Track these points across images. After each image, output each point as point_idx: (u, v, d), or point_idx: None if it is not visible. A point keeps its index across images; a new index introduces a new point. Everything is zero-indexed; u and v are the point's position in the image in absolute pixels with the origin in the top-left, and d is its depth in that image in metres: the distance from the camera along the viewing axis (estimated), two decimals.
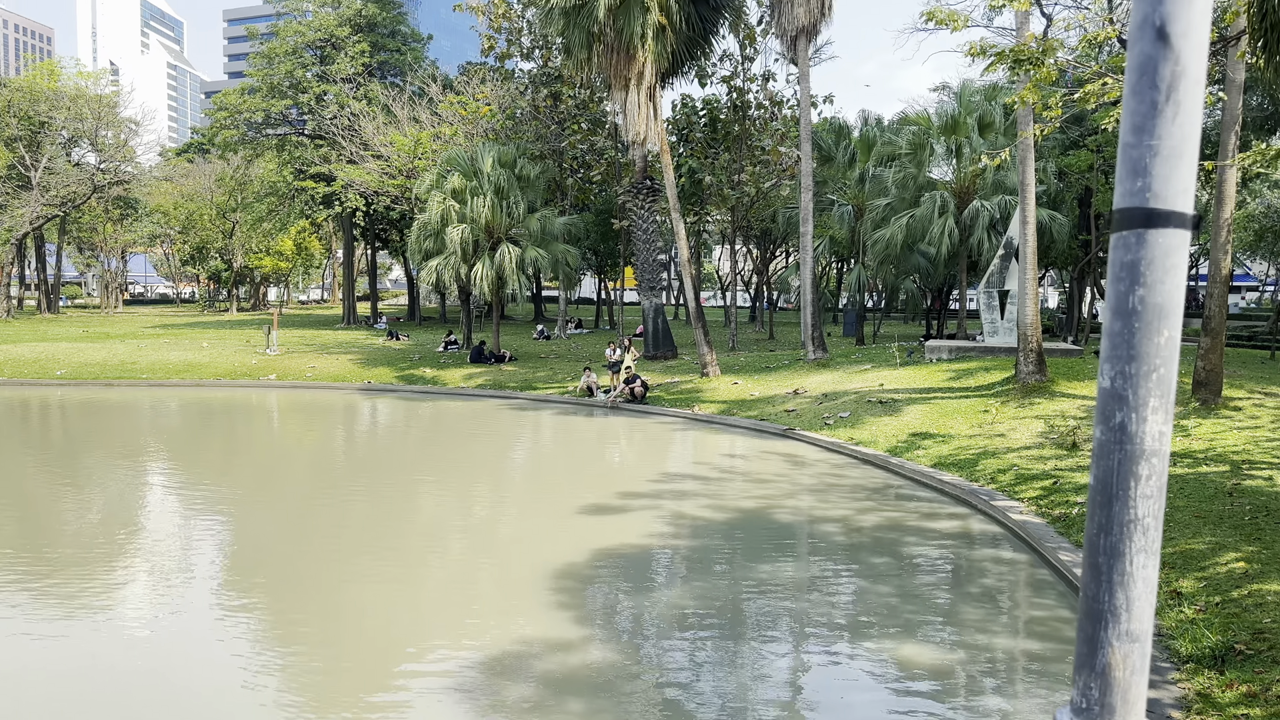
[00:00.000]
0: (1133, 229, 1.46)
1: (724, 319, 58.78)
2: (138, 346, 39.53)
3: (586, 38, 30.34)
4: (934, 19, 13.38)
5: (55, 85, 60.12)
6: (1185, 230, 1.46)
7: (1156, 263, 1.45)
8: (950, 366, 25.82)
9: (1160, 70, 1.41)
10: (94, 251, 79.78)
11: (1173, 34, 1.40)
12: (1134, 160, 1.44)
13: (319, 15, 52.02)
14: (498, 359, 36.35)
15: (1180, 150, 1.42)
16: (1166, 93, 1.41)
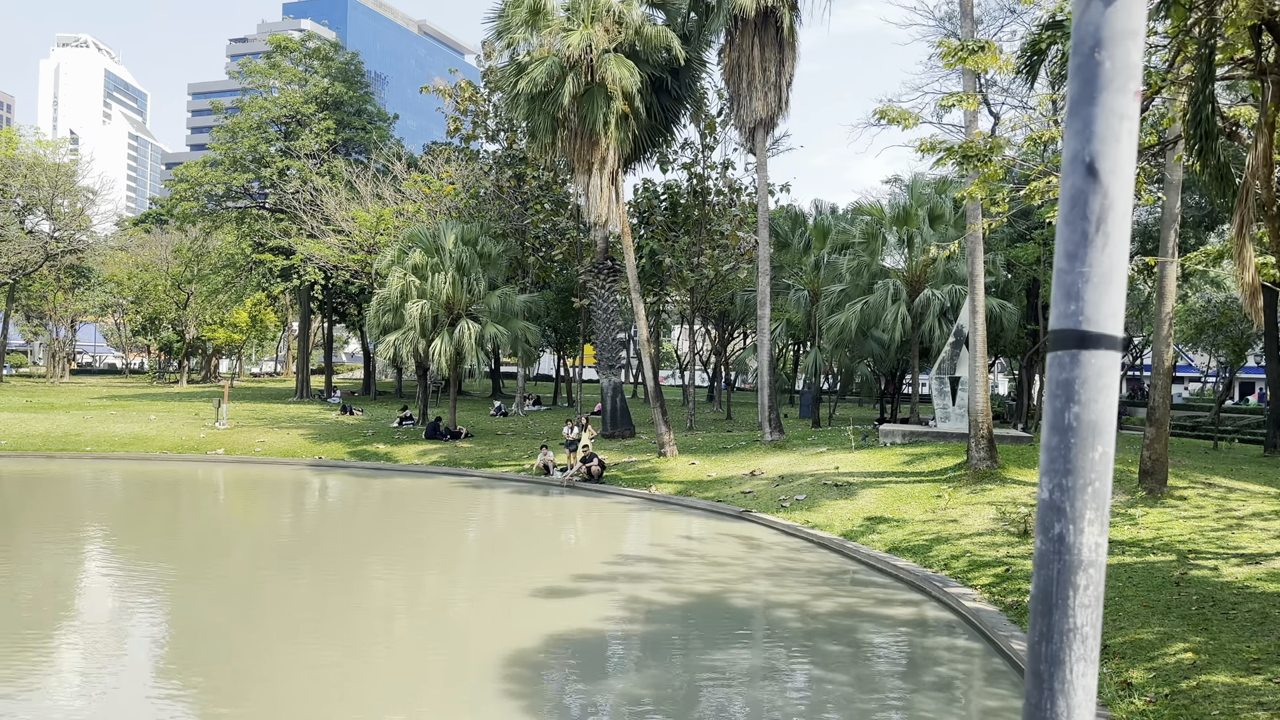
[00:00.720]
0: (1067, 349, 1.54)
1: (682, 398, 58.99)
2: (83, 418, 38.64)
3: (551, 123, 30.96)
4: (886, 117, 13.89)
5: (12, 153, 59.72)
6: (1116, 352, 1.54)
7: (1090, 382, 1.52)
8: (904, 450, 26.08)
9: (1090, 203, 1.51)
10: (42, 320, 78.35)
11: (1101, 170, 1.50)
12: (1067, 285, 1.53)
13: (285, 92, 52.51)
14: (453, 435, 36.03)
15: (1110, 277, 1.51)
16: (1096, 224, 1.50)
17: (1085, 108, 1.50)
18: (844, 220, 40.17)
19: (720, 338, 60.37)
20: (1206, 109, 11.62)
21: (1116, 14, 1.47)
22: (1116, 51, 1.47)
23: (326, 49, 55.33)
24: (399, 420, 39.89)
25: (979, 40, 12.99)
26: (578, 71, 29.50)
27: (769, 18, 29.97)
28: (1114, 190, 1.49)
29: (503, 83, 35.91)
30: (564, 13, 30.56)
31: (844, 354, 37.45)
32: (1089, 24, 1.49)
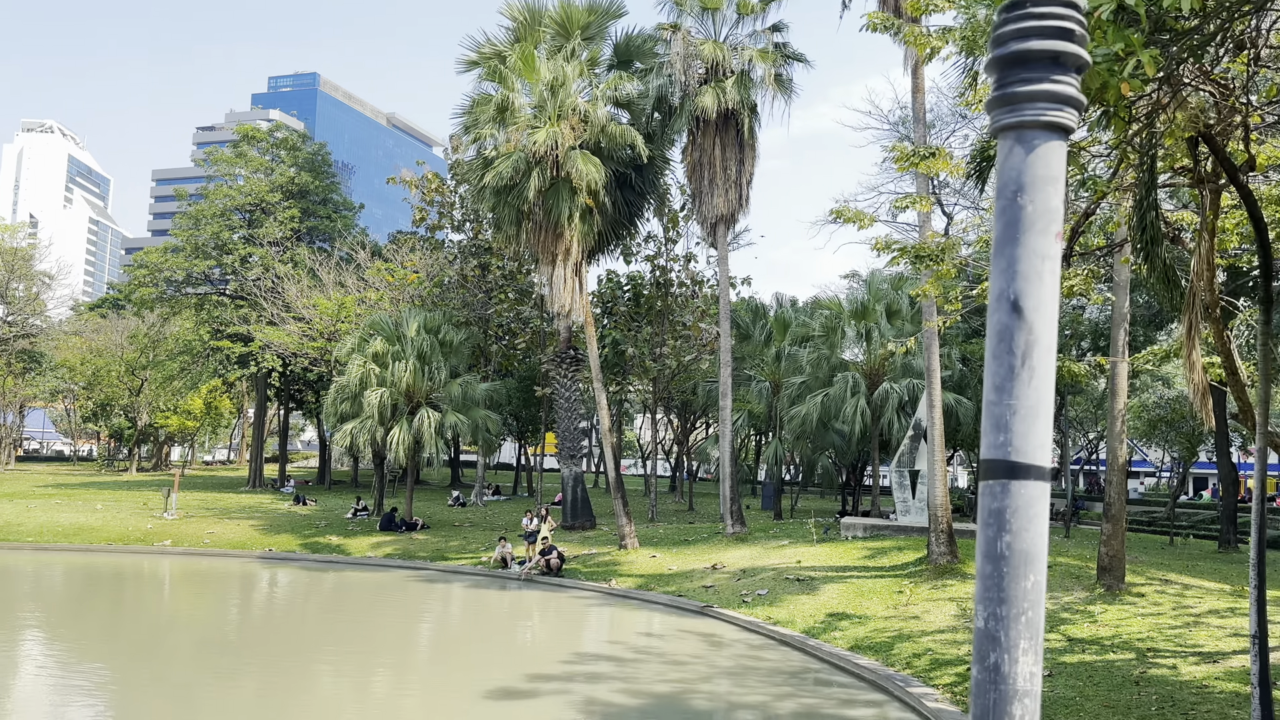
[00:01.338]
0: (998, 479, 1.57)
1: (644, 488, 58.68)
2: (26, 507, 37.47)
3: (517, 215, 31.37)
4: (842, 217, 14.27)
5: None
6: (1044, 482, 1.58)
7: (1020, 511, 1.56)
8: (865, 544, 26.01)
9: (1016, 338, 1.57)
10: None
11: (1025, 308, 1.57)
12: (996, 416, 1.57)
13: (250, 180, 52.82)
14: (409, 527, 35.38)
15: (1036, 410, 1.55)
16: (1022, 358, 1.56)
17: (1009, 248, 1.57)
18: (804, 313, 40.81)
19: (682, 427, 60.38)
20: (1150, 215, 12.07)
21: (1037, 161, 1.55)
22: (1038, 196, 1.54)
23: (294, 139, 55.97)
24: (353, 511, 39.15)
25: (930, 147, 13.48)
26: (543, 166, 30.05)
27: (730, 119, 30.90)
28: (1038, 326, 1.55)
29: (469, 175, 36.46)
30: (531, 110, 31.27)
31: (805, 445, 37.60)
32: (1011, 170, 1.57)
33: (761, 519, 39.52)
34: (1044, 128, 1.54)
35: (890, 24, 12.98)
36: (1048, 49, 1.54)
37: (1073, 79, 1.57)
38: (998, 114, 1.58)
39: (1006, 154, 1.58)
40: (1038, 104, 1.55)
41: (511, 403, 50.95)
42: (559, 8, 31.87)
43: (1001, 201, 1.58)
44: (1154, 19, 8.03)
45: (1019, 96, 1.56)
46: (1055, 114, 1.55)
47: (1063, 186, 1.59)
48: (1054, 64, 1.55)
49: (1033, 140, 1.54)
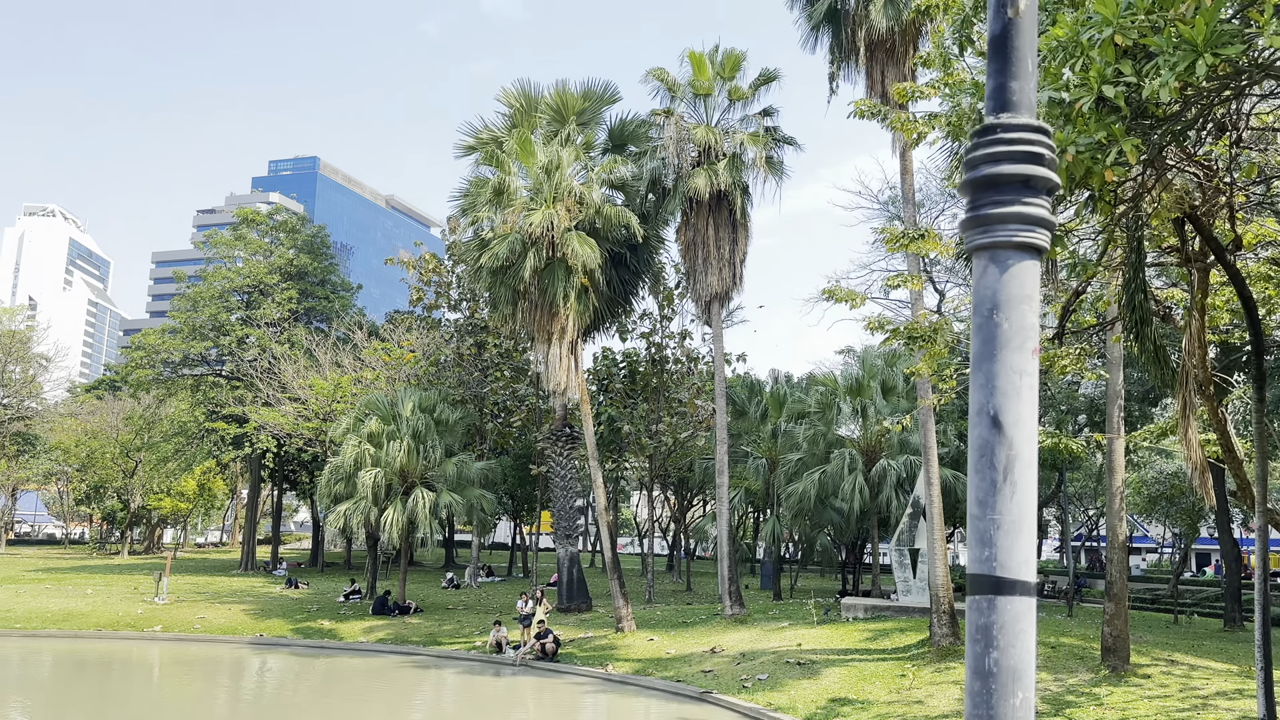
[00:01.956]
0: (984, 594, 1.58)
1: (641, 568, 57.97)
2: (15, 592, 36.87)
3: (513, 294, 31.62)
4: (834, 296, 14.42)
5: None
6: (1030, 598, 1.58)
7: (1007, 627, 1.55)
8: (867, 626, 25.61)
9: (997, 453, 1.59)
10: None
11: (1005, 423, 1.59)
12: (980, 531, 1.58)
13: (249, 263, 53.31)
14: (402, 610, 34.80)
15: (1019, 525, 1.56)
16: (1004, 473, 1.58)
17: (987, 364, 1.60)
18: (799, 389, 40.88)
19: (679, 505, 59.90)
20: (1139, 296, 12.21)
21: (1011, 281, 1.58)
22: (1013, 314, 1.58)
23: (293, 221, 56.68)
24: (346, 594, 38.55)
25: (920, 228, 13.69)
26: (539, 247, 30.41)
27: (722, 200, 31.39)
28: (1018, 441, 1.57)
29: (466, 256, 36.87)
30: (527, 193, 31.79)
31: (804, 523, 37.27)
32: (986, 289, 1.61)
33: (760, 599, 38.98)
34: (1017, 248, 1.58)
35: (877, 110, 13.31)
36: (1018, 173, 1.59)
37: (1044, 200, 1.62)
38: (972, 234, 1.63)
39: (981, 273, 1.62)
40: (1010, 225, 1.60)
41: (507, 481, 50.62)
42: (554, 94, 32.64)
43: (978, 318, 1.62)
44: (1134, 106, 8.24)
45: (992, 218, 1.60)
46: (1027, 235, 1.59)
47: (1038, 304, 1.63)
48: (1025, 187, 1.60)
49: (1006, 260, 1.58)
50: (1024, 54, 1.59)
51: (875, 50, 24.44)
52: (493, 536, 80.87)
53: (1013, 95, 1.61)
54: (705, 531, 50.79)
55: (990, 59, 1.64)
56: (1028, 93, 1.59)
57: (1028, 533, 1.56)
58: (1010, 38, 1.62)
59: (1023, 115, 1.60)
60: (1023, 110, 1.61)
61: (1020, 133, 1.60)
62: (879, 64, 24.42)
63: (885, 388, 35.02)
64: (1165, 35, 6.93)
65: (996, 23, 1.62)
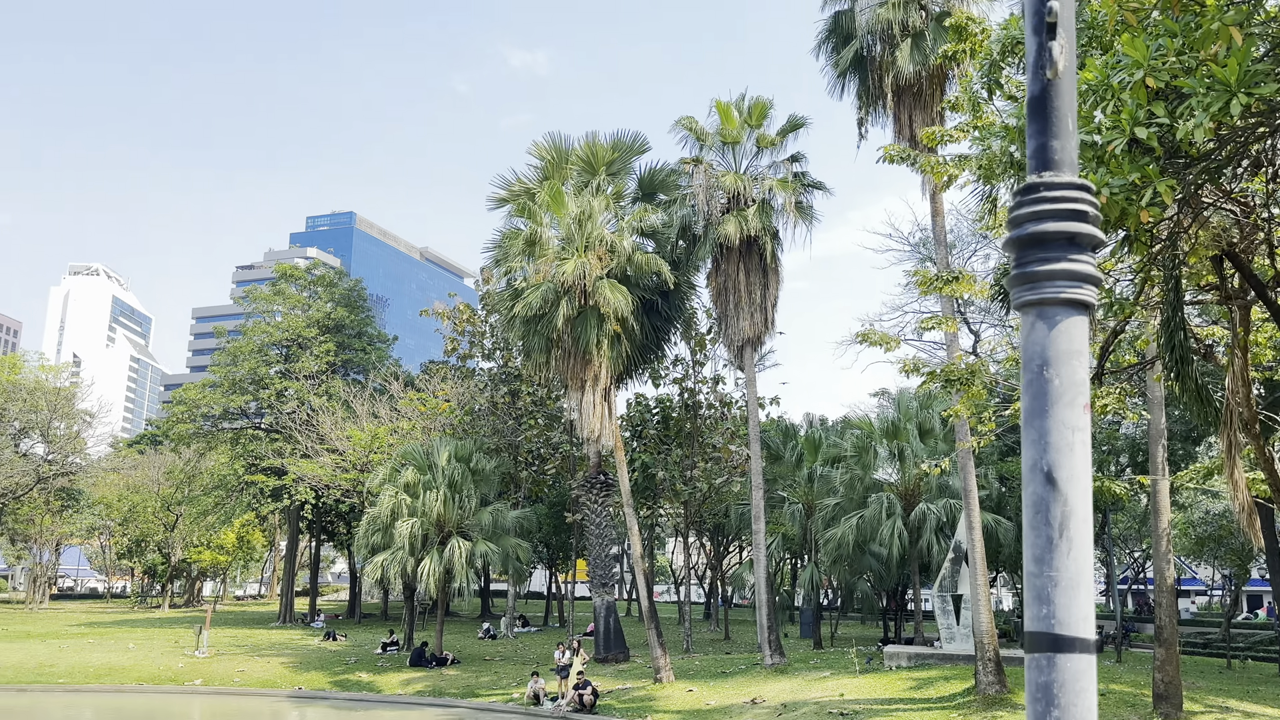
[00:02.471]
0: (1043, 652, 1.57)
1: (678, 616, 57.39)
2: (59, 647, 37.20)
3: (546, 343, 31.82)
4: (867, 340, 14.38)
5: (14, 378, 60.74)
6: (1090, 655, 1.57)
7: (1068, 685, 1.54)
8: (910, 675, 25.11)
9: (1052, 510, 1.59)
10: (27, 543, 76.93)
11: (1059, 479, 1.59)
12: (1038, 588, 1.58)
13: (288, 317, 54.15)
14: (439, 662, 34.65)
15: (1076, 581, 1.56)
16: (1059, 529, 1.58)
17: (1039, 420, 1.61)
18: (834, 433, 40.57)
19: (716, 552, 59.34)
20: (1179, 335, 12.05)
21: (1060, 337, 1.60)
22: (1063, 370, 1.59)
23: (331, 276, 57.61)
24: (383, 646, 38.51)
25: (953, 270, 13.66)
26: (571, 296, 30.65)
27: (752, 245, 31.51)
28: (1073, 498, 1.57)
29: (499, 306, 37.22)
30: (559, 243, 32.13)
31: (843, 569, 36.76)
32: (1035, 345, 1.62)
33: (801, 647, 38.41)
34: (1064, 304, 1.60)
35: (906, 155, 13.37)
36: (1063, 230, 1.62)
37: (1089, 257, 1.64)
38: (1018, 291, 1.65)
39: (1029, 329, 1.63)
40: (1057, 282, 1.61)
41: (542, 529, 50.53)
42: (584, 146, 33.11)
43: (1028, 375, 1.63)
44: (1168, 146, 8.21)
45: (1038, 275, 1.62)
46: (1075, 291, 1.61)
47: (1087, 359, 1.64)
48: (1070, 244, 1.62)
49: (1054, 316, 1.59)
50: (1064, 114, 1.62)
51: (903, 95, 24.60)
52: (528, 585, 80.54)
53: (1054, 154, 1.64)
54: (742, 579, 50.27)
55: (1030, 119, 1.68)
56: (1069, 151, 1.61)
57: (1085, 589, 1.56)
58: (1050, 98, 1.65)
59: (1065, 173, 1.63)
60: (1065, 168, 1.64)
61: (1064, 190, 1.63)
62: (906, 108, 24.56)
63: (922, 430, 34.67)
64: (1198, 76, 6.93)
65: (1035, 84, 1.66)
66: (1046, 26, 1.63)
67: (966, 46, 12.76)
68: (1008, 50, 11.72)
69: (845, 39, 27.14)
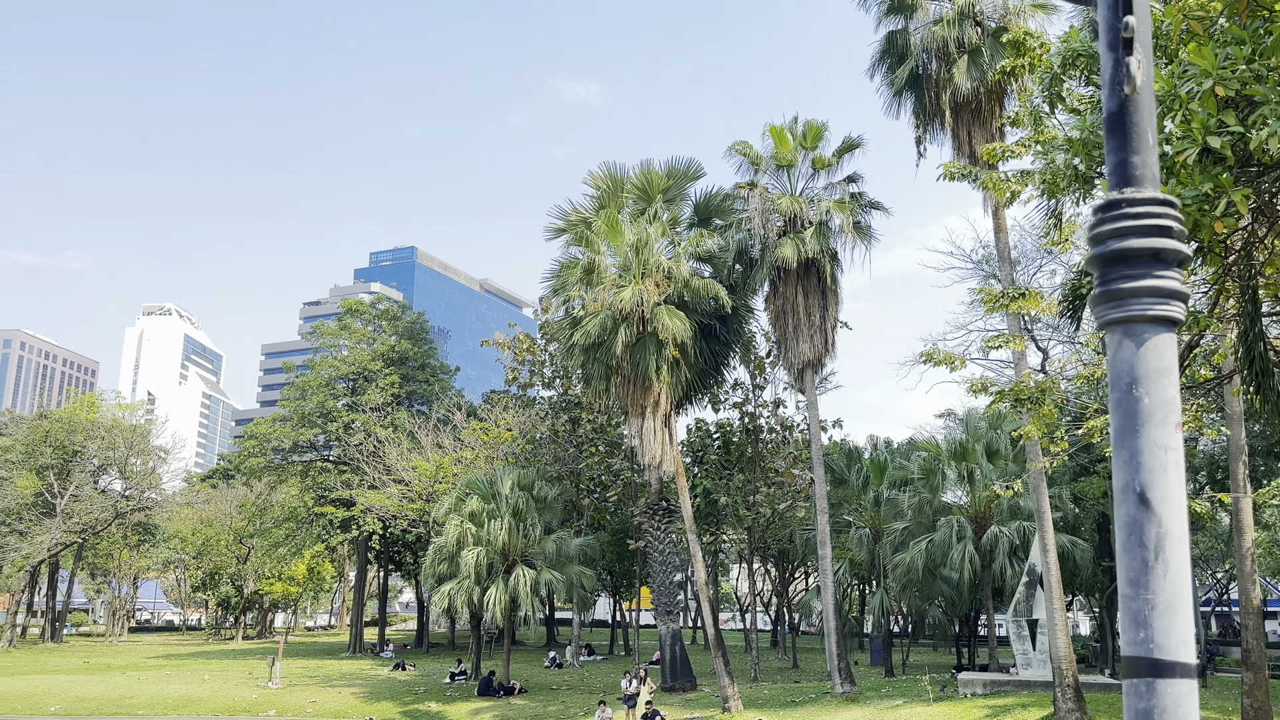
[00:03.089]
0: (1141, 677, 1.53)
1: (744, 644, 56.79)
2: (138, 679, 38.11)
3: (605, 370, 31.93)
4: (932, 360, 14.16)
5: (93, 417, 62.80)
6: (1191, 680, 1.52)
7: (1169, 712, 1.50)
8: (986, 702, 24.46)
9: (1146, 531, 1.55)
10: (106, 577, 79.18)
11: (1153, 500, 1.56)
12: (1134, 612, 1.54)
13: (354, 351, 55.27)
14: (507, 691, 34.72)
15: (1174, 604, 1.52)
16: (1155, 551, 1.54)
17: (1130, 440, 1.57)
18: (900, 455, 39.95)
19: (781, 578, 58.67)
20: (1258, 346, 11.67)
21: (1148, 355, 1.57)
22: (1153, 389, 1.56)
23: (394, 310, 58.72)
24: (451, 676, 38.74)
25: (1019, 287, 13.42)
26: (629, 323, 30.75)
27: (811, 267, 31.33)
28: (1168, 519, 1.53)
29: (559, 334, 37.51)
30: (616, 270, 32.29)
31: (913, 595, 36.04)
32: (1123, 364, 1.59)
33: (871, 675, 37.71)
34: (1151, 321, 1.57)
35: (967, 172, 13.20)
36: (1148, 246, 1.59)
37: (1175, 273, 1.61)
38: (1103, 309, 1.62)
39: (1116, 348, 1.61)
40: (1143, 299, 1.59)
41: (605, 557, 50.49)
42: (639, 174, 33.32)
43: (1116, 394, 1.60)
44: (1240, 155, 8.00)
45: (1123, 293, 1.60)
46: (1162, 308, 1.58)
47: (1177, 377, 1.60)
48: (1155, 260, 1.59)
49: (1142, 334, 1.56)
50: (1143, 128, 1.60)
51: (960, 112, 24.36)
52: (593, 614, 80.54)
53: (1135, 169, 1.61)
54: (810, 605, 49.58)
55: (1109, 135, 1.66)
56: (1150, 166, 1.59)
57: (1184, 612, 1.52)
58: (1129, 113, 1.63)
59: (1147, 189, 1.61)
60: (1146, 184, 1.61)
61: (1146, 206, 1.60)
62: (965, 125, 24.31)
63: (990, 451, 33.97)
64: (1269, 83, 6.76)
65: (1113, 100, 1.64)
66: (1123, 42, 1.62)
67: (1025, 61, 12.60)
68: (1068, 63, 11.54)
69: (900, 58, 27.01)
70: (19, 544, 58.97)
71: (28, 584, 64.37)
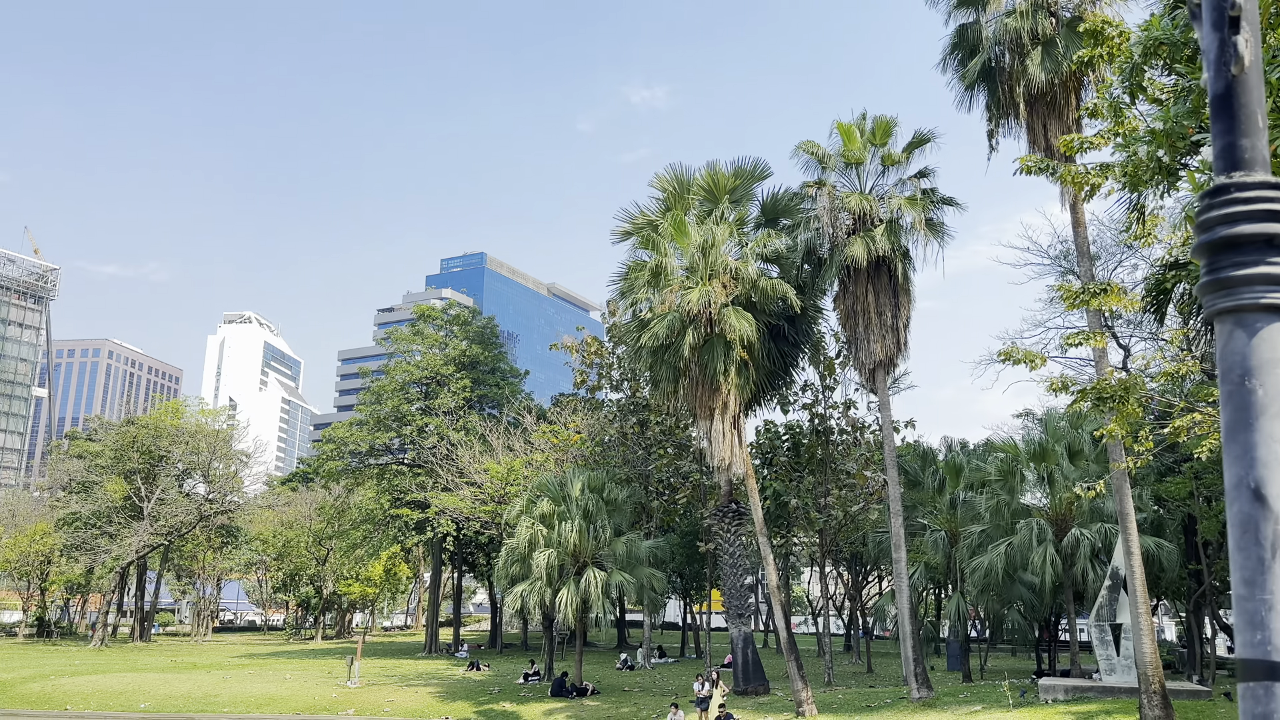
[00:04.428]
0: (1259, 681, 1.46)
1: (817, 649, 56.22)
2: (223, 678, 39.27)
3: (673, 372, 31.91)
4: (1010, 358, 13.84)
5: (178, 423, 64.92)
6: None
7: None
8: (1068, 708, 23.81)
9: (1262, 529, 1.49)
10: (191, 579, 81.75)
11: (1269, 495, 1.49)
12: (1249, 613, 1.48)
13: (427, 356, 56.23)
14: (579, 692, 34.91)
15: None
16: (1271, 549, 1.47)
17: (1243, 434, 1.51)
18: (976, 457, 39.10)
19: (854, 581, 57.94)
20: None
21: (1262, 345, 1.50)
22: (1267, 379, 1.49)
23: (465, 315, 59.59)
24: (525, 676, 39.09)
25: (1099, 283, 13.04)
26: (697, 324, 30.69)
27: (881, 266, 30.87)
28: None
29: (626, 337, 37.62)
30: (683, 272, 32.25)
31: (991, 599, 35.25)
32: (1234, 354, 1.53)
33: (948, 681, 37.01)
34: (1265, 310, 1.50)
35: (1044, 165, 12.89)
36: (1260, 232, 1.52)
37: None
38: (1211, 299, 1.56)
39: (1227, 338, 1.54)
40: (1255, 287, 1.52)
41: (675, 559, 50.45)
42: (706, 175, 33.23)
43: (1227, 386, 1.53)
44: None
45: (1234, 281, 1.53)
46: (1275, 295, 1.51)
47: None
48: (1268, 246, 1.53)
49: (1254, 324, 1.50)
50: (1252, 110, 1.54)
51: (1035, 104, 23.79)
52: (663, 616, 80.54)
53: (1245, 153, 1.55)
54: (884, 610, 48.84)
55: (1215, 118, 1.59)
56: (1260, 149, 1.52)
57: None
58: (1236, 95, 1.56)
59: (1258, 172, 1.54)
60: (1257, 167, 1.55)
61: (1257, 190, 1.54)
62: (1040, 117, 23.72)
63: (1071, 451, 33.05)
64: None
65: (1219, 81, 1.57)
66: (1229, 20, 1.55)
67: (1103, 51, 12.25)
68: (1150, 52, 11.16)
69: (972, 51, 26.48)
70: (109, 546, 61.23)
71: (117, 585, 66.82)
